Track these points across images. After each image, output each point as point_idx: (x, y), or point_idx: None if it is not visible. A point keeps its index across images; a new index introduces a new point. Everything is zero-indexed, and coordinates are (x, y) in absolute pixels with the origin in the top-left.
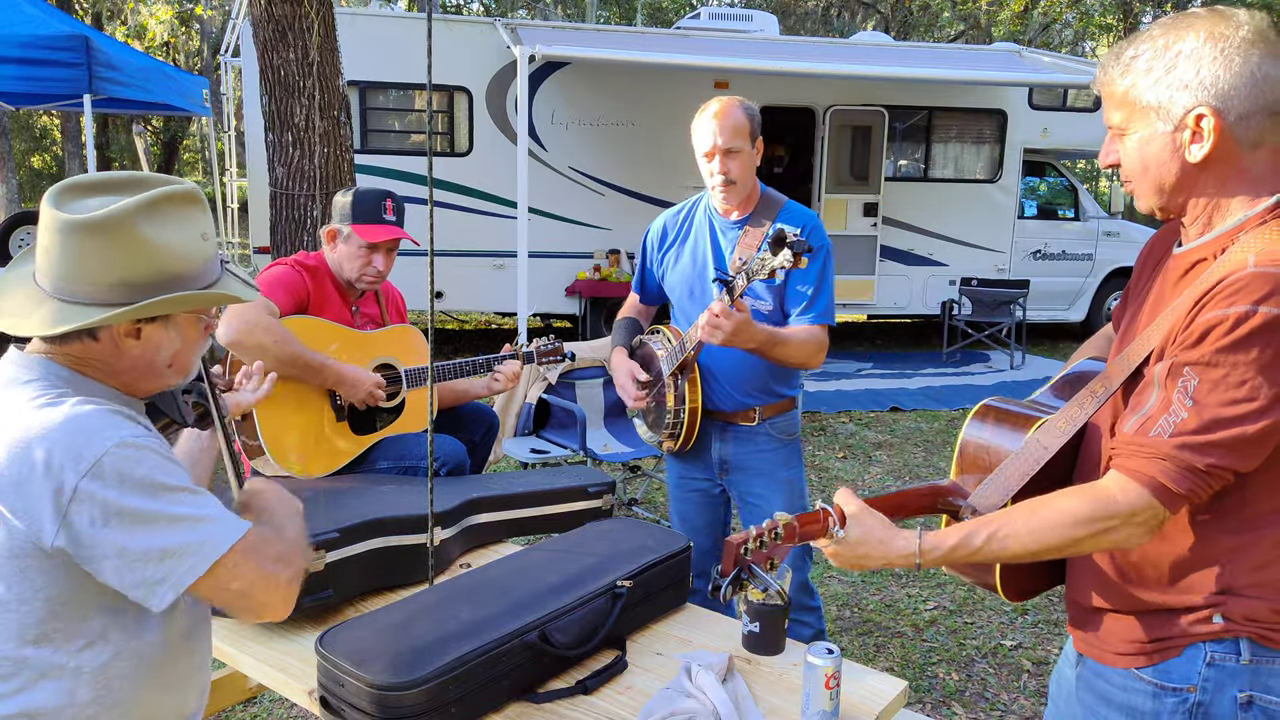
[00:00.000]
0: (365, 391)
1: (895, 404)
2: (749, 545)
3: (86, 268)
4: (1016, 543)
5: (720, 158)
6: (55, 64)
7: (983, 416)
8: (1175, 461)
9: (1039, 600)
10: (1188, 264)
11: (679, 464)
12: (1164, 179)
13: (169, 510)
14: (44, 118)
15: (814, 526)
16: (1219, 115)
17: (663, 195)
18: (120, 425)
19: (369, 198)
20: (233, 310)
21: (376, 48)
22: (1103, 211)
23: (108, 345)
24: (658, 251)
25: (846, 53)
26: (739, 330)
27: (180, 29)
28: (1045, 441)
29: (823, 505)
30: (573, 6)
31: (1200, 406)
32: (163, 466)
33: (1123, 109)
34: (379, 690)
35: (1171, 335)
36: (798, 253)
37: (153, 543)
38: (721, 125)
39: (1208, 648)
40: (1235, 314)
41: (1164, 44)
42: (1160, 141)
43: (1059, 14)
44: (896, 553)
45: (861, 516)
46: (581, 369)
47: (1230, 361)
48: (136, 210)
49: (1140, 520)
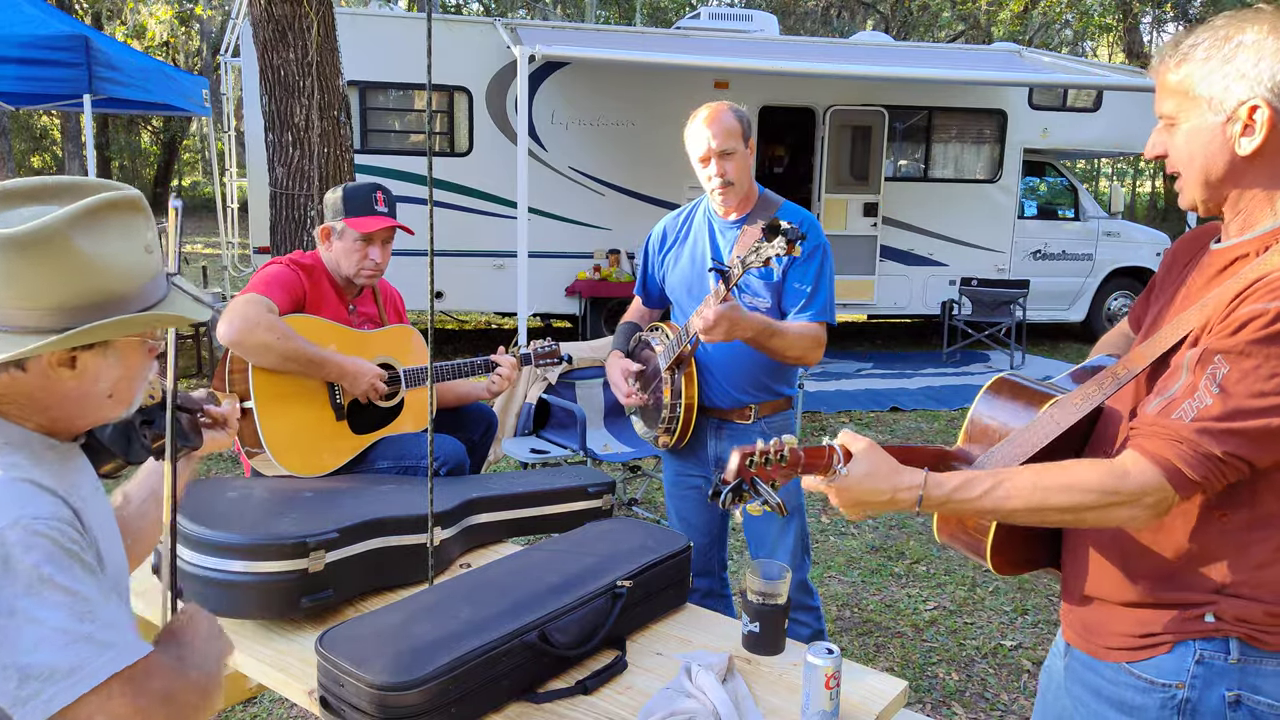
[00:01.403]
0: (367, 383)
1: (895, 404)
2: (755, 458)
3: (14, 289)
4: (1019, 498)
5: (716, 160)
6: (55, 64)
7: (996, 390)
8: (1193, 445)
9: (1039, 600)
10: (1227, 260)
11: (675, 461)
12: (1211, 171)
13: (45, 616)
14: (44, 118)
15: (819, 461)
16: (1273, 109)
17: (663, 195)
18: (21, 502)
19: (360, 191)
20: (234, 308)
21: (376, 48)
22: (1103, 211)
23: (36, 377)
24: (659, 254)
25: (846, 53)
26: (732, 320)
27: (180, 29)
28: (1058, 417)
29: (829, 442)
30: (572, 6)
31: (1226, 394)
32: (56, 558)
33: (1175, 97)
34: (379, 690)
35: (1207, 325)
36: (791, 240)
37: (13, 657)
38: (714, 129)
39: (1197, 645)
40: (1276, 309)
41: (1225, 34)
42: (1210, 132)
43: (1059, 14)
44: (903, 486)
45: (868, 452)
46: (582, 369)
47: (1264, 354)
48: (71, 222)
49: (1149, 501)
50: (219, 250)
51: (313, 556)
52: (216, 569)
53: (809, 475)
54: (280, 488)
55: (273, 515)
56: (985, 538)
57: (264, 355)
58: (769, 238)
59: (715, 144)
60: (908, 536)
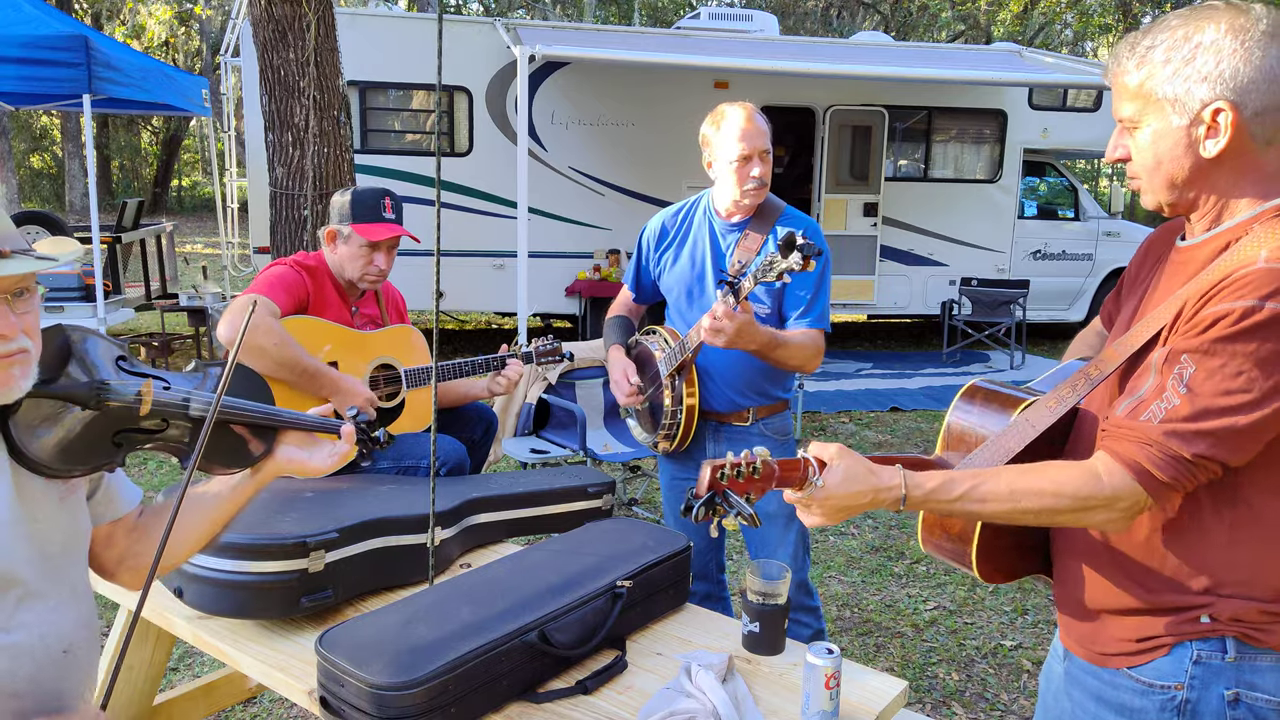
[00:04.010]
0: (359, 404)
1: (895, 404)
2: (726, 471)
3: None
4: (995, 501)
5: (759, 160)
6: (55, 64)
7: (970, 396)
8: (1161, 448)
9: (1039, 600)
10: (1193, 257)
11: (672, 465)
12: (1176, 174)
13: None
14: (44, 118)
15: (794, 474)
16: (1237, 110)
17: (663, 195)
18: None
19: (368, 197)
20: (234, 309)
21: (376, 48)
22: (1103, 211)
23: None
24: (655, 251)
25: (846, 53)
26: (742, 331)
27: (179, 29)
28: (1033, 420)
29: (803, 454)
30: (571, 6)
31: (1194, 395)
32: None
33: (1136, 101)
34: (379, 690)
35: (1175, 324)
36: (807, 255)
37: None
38: (756, 129)
39: (1195, 646)
40: (1242, 307)
41: (1183, 35)
42: (1174, 136)
43: (1059, 14)
44: (883, 486)
45: (841, 456)
46: (582, 369)
47: (1229, 352)
48: None
49: (1122, 506)
50: (219, 250)
51: (313, 556)
52: (216, 569)
53: (787, 489)
54: (280, 488)
55: (273, 515)
56: (969, 546)
57: (260, 359)
58: (785, 253)
59: (760, 143)
60: (908, 537)
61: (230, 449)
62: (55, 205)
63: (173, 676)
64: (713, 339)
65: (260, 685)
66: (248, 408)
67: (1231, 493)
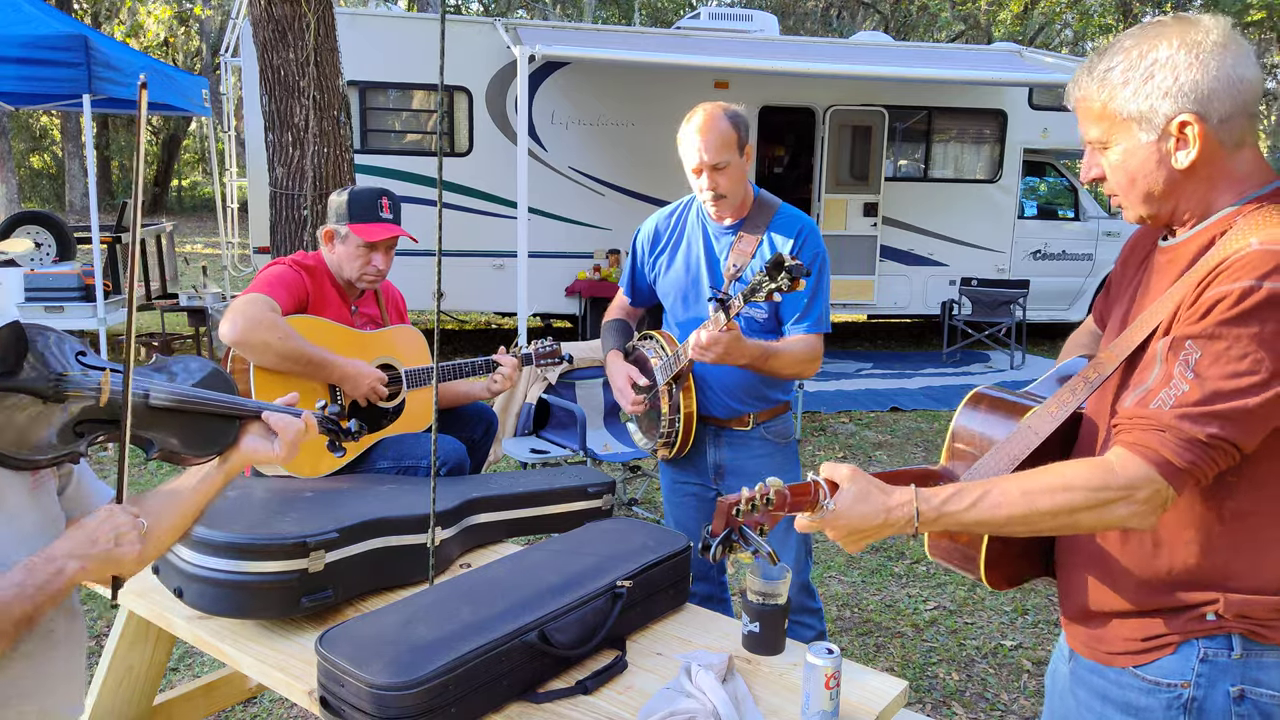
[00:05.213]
0: (367, 386)
1: (895, 404)
2: (740, 507)
3: None
4: (1008, 505)
5: (708, 174)
6: (55, 64)
7: (975, 404)
8: (1175, 433)
9: (1039, 600)
10: (1177, 256)
11: (672, 470)
12: (1152, 188)
13: None
14: (44, 118)
15: (805, 498)
16: (1202, 120)
17: (663, 195)
18: None
19: (365, 196)
20: (236, 307)
21: (376, 48)
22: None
23: None
24: (649, 255)
25: (846, 53)
26: (730, 349)
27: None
28: (1036, 427)
29: (813, 477)
30: (571, 6)
31: (1202, 379)
32: None
33: (1102, 122)
34: (379, 690)
35: (1175, 314)
36: (795, 277)
37: None
38: (706, 141)
39: (1201, 644)
40: (1240, 288)
41: (1138, 54)
42: (1145, 152)
43: (1059, 14)
44: (894, 505)
45: (853, 478)
46: (582, 369)
47: (1233, 334)
48: None
49: (1142, 496)
50: (219, 250)
51: (313, 556)
52: (217, 569)
53: (799, 513)
54: (280, 488)
55: (273, 515)
56: (978, 552)
57: (265, 354)
58: (773, 275)
59: (707, 157)
60: (908, 536)
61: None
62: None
63: (173, 676)
64: (701, 356)
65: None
66: (209, 397)
67: (1229, 489)
